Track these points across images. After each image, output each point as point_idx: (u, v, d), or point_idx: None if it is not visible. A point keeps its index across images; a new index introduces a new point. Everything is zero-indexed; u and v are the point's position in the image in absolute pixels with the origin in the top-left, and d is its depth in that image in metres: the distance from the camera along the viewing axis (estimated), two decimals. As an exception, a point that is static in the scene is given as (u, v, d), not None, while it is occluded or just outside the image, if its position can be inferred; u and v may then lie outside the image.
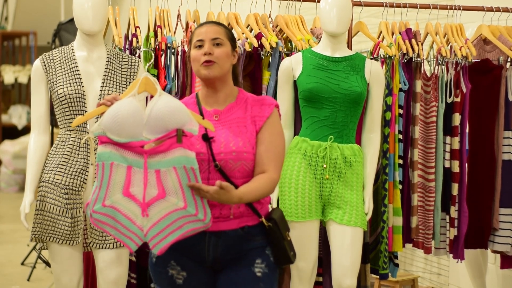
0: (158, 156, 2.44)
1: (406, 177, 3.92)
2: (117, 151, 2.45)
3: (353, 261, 3.47)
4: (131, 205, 2.47)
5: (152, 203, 2.45)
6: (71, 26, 6.03)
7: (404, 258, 5.59)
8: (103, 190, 2.47)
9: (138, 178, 2.46)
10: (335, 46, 3.57)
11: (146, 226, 2.47)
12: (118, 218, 2.48)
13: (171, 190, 2.44)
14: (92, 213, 2.49)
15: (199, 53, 2.63)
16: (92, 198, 2.49)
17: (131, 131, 2.44)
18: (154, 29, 3.76)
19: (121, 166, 2.46)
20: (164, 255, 2.63)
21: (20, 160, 9.91)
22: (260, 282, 2.61)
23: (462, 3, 4.22)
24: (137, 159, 2.45)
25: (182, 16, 3.89)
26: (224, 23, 2.77)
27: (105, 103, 2.51)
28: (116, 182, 2.46)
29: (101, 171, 2.47)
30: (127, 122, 2.43)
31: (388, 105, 3.80)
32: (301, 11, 4.08)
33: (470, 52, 3.98)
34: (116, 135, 2.44)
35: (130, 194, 2.46)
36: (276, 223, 2.63)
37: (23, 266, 6.10)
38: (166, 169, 2.44)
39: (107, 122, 2.44)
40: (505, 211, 4.13)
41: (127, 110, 2.43)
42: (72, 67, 3.29)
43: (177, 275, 2.63)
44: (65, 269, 3.26)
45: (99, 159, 2.46)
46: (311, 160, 3.49)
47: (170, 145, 2.43)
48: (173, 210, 2.45)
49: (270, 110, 2.65)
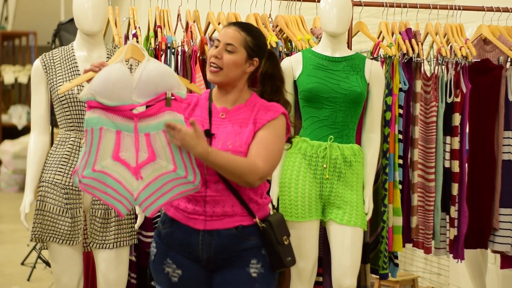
0: (147, 119, 2.46)
1: (406, 177, 3.92)
2: (106, 116, 2.46)
3: (353, 261, 3.47)
4: (121, 169, 2.48)
5: (143, 166, 2.47)
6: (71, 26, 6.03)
7: (404, 258, 5.59)
8: (93, 155, 2.47)
9: (128, 142, 2.47)
10: (335, 46, 3.57)
11: (137, 189, 2.48)
12: (108, 182, 2.49)
13: (161, 153, 2.46)
14: (81, 178, 2.49)
15: (212, 53, 2.65)
16: (80, 164, 2.49)
17: (121, 95, 2.45)
18: (154, 29, 3.76)
19: (110, 131, 2.46)
20: (160, 252, 2.64)
21: (20, 160, 9.90)
22: (255, 282, 2.61)
23: (462, 3, 4.22)
24: (127, 123, 2.46)
25: (182, 16, 3.89)
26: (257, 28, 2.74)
27: (92, 69, 2.53)
28: (105, 147, 2.47)
29: (90, 137, 2.46)
30: (117, 85, 2.44)
31: (388, 105, 3.80)
32: (301, 11, 4.08)
33: (470, 52, 3.98)
34: (107, 99, 2.45)
35: (120, 158, 2.47)
36: (271, 225, 2.62)
37: (23, 266, 6.10)
38: (156, 132, 2.46)
39: (98, 86, 2.45)
40: (505, 211, 4.13)
41: (117, 74, 2.45)
42: (72, 67, 3.29)
43: (173, 273, 2.64)
44: (65, 269, 3.26)
45: (87, 124, 2.46)
46: (311, 160, 3.49)
47: (159, 108, 2.45)
48: (163, 173, 2.46)
49: (274, 115, 2.63)
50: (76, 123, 3.26)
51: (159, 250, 2.66)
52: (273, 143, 2.60)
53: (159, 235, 2.68)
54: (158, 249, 2.67)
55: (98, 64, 2.52)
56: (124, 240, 3.28)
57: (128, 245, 3.31)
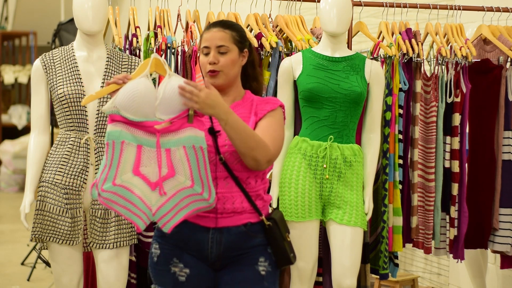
0: (169, 135, 2.46)
1: (406, 177, 3.92)
2: (128, 130, 2.46)
3: (353, 261, 3.47)
4: (141, 184, 2.48)
5: (163, 181, 2.47)
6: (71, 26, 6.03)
7: (404, 258, 5.59)
8: (114, 169, 2.47)
9: (148, 157, 2.47)
10: (335, 46, 3.57)
11: (156, 204, 2.48)
12: (129, 197, 2.48)
13: (180, 169, 2.46)
14: (101, 192, 2.48)
15: (205, 61, 2.65)
16: (100, 177, 2.48)
17: (146, 110, 2.45)
18: (154, 29, 3.76)
19: (131, 145, 2.46)
20: (165, 253, 2.64)
21: (20, 160, 9.91)
22: (264, 280, 2.62)
23: (462, 3, 4.22)
24: (148, 138, 2.46)
25: (182, 16, 3.89)
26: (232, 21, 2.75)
27: (116, 82, 2.49)
28: (126, 161, 2.46)
29: (111, 150, 2.46)
30: (143, 101, 2.44)
31: (388, 105, 3.80)
32: (301, 11, 4.08)
33: (470, 52, 3.98)
34: (131, 114, 2.45)
35: (140, 173, 2.47)
36: (276, 223, 2.64)
37: (23, 266, 6.10)
38: (176, 148, 2.46)
39: (123, 101, 2.44)
40: (505, 211, 4.13)
41: (144, 89, 2.45)
42: (72, 67, 3.29)
43: (180, 272, 2.63)
44: (65, 269, 3.26)
45: (109, 137, 2.46)
46: (311, 160, 3.49)
47: (181, 124, 2.46)
48: (181, 188, 2.47)
49: (273, 106, 2.67)
50: (76, 123, 3.26)
51: (163, 251, 2.65)
52: (276, 130, 2.63)
53: (162, 236, 2.67)
54: (162, 249, 2.65)
55: (122, 77, 2.49)
56: (124, 240, 3.28)
57: (128, 245, 3.31)
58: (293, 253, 2.69)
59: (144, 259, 3.57)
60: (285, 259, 2.66)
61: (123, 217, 2.53)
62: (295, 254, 2.70)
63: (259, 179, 2.65)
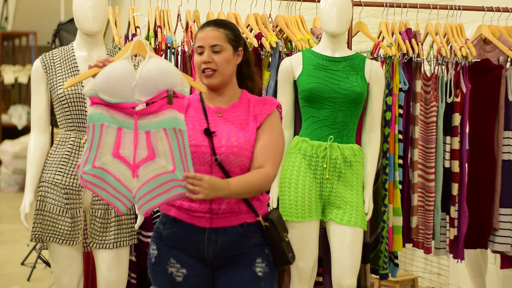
0: (148, 117, 2.44)
1: (406, 177, 3.92)
2: (108, 112, 2.45)
3: (353, 261, 3.47)
4: (121, 167, 2.47)
5: (142, 164, 2.45)
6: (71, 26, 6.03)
7: (404, 258, 5.59)
8: (93, 151, 2.47)
9: (128, 139, 2.46)
10: (335, 46, 3.57)
11: (135, 187, 2.47)
12: (108, 179, 2.47)
13: (161, 152, 2.44)
14: (82, 174, 2.49)
15: (200, 60, 2.66)
16: (82, 159, 2.48)
17: (122, 92, 2.44)
18: (154, 29, 3.76)
19: (111, 127, 2.45)
20: (162, 253, 2.64)
21: (20, 160, 9.91)
22: (261, 281, 2.62)
23: (462, 3, 4.22)
24: (128, 120, 2.45)
25: (182, 16, 3.89)
26: (226, 20, 2.76)
27: (97, 65, 2.52)
28: (106, 143, 2.46)
29: (91, 132, 2.46)
30: (118, 82, 2.43)
31: (388, 105, 3.80)
32: (301, 11, 4.08)
33: (470, 52, 3.98)
34: (108, 96, 2.44)
35: (120, 155, 2.46)
36: (273, 223, 2.64)
37: (23, 266, 6.10)
38: (156, 130, 2.44)
39: (100, 83, 2.45)
40: (505, 211, 4.13)
41: (120, 71, 2.44)
42: (72, 67, 3.29)
43: (177, 272, 2.63)
44: (65, 269, 3.26)
45: (90, 120, 2.46)
46: (311, 160, 3.49)
47: (160, 106, 2.43)
48: (162, 172, 2.44)
49: (271, 108, 2.67)
50: (76, 123, 3.26)
51: (160, 251, 2.66)
52: (277, 141, 2.64)
53: (159, 237, 2.67)
54: (160, 250, 2.66)
55: (103, 60, 2.52)
56: (124, 240, 3.28)
57: (128, 245, 3.31)
58: (292, 253, 2.68)
59: (144, 259, 3.57)
60: (284, 259, 2.66)
61: (103, 199, 2.52)
62: (294, 254, 2.70)
63: None
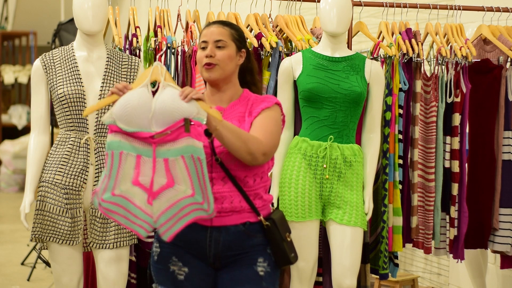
0: (166, 145, 2.46)
1: (406, 177, 3.92)
2: (127, 140, 2.46)
3: (353, 261, 3.47)
4: (141, 194, 2.47)
5: (161, 191, 2.46)
6: (71, 26, 6.03)
7: (404, 258, 5.59)
8: (112, 179, 2.47)
9: (148, 167, 2.47)
10: (335, 46, 3.57)
11: (155, 213, 2.48)
12: (128, 207, 2.48)
13: (180, 179, 2.46)
14: (101, 202, 2.49)
15: (202, 55, 2.67)
16: (100, 187, 2.49)
17: (140, 122, 2.45)
18: (154, 29, 3.77)
19: (130, 155, 2.46)
20: (165, 251, 2.64)
21: (20, 160, 9.91)
22: (263, 281, 2.62)
23: (462, 3, 4.22)
24: (146, 148, 2.46)
25: (182, 16, 3.89)
26: (232, 22, 2.77)
27: (116, 92, 2.50)
28: (125, 171, 2.47)
29: (110, 160, 2.47)
30: (136, 112, 2.44)
31: (388, 105, 3.80)
32: (301, 11, 4.08)
33: (470, 52, 3.98)
34: (126, 125, 2.45)
35: (139, 183, 2.47)
36: (274, 223, 2.63)
37: (23, 266, 6.10)
38: (174, 158, 2.45)
39: (117, 112, 2.45)
40: (505, 211, 4.13)
41: (137, 102, 2.45)
42: (72, 67, 3.29)
43: (179, 271, 2.63)
44: (65, 269, 3.26)
45: (109, 148, 2.47)
46: (311, 160, 3.49)
47: (178, 134, 2.45)
48: (182, 197, 2.46)
49: (268, 104, 2.66)
50: (76, 123, 3.26)
51: (163, 250, 2.66)
52: (270, 125, 2.62)
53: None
54: (162, 248, 2.66)
55: (122, 87, 2.49)
56: (124, 240, 3.28)
57: (128, 245, 3.31)
58: (294, 253, 2.68)
59: (144, 259, 3.57)
60: (285, 260, 2.66)
61: (124, 226, 2.53)
62: (296, 254, 2.69)
63: (258, 178, 2.64)
